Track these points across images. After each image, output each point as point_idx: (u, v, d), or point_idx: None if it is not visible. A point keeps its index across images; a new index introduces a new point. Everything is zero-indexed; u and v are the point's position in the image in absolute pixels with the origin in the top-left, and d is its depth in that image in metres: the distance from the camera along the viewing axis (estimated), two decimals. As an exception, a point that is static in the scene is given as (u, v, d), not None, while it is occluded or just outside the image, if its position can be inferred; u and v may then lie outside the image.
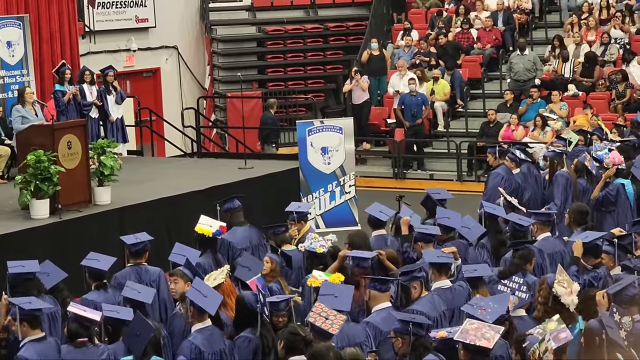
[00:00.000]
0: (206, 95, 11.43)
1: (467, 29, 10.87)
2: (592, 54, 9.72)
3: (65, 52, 9.24)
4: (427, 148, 10.21)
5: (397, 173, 9.72)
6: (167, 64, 11.15)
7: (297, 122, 8.72)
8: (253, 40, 11.95)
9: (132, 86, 10.48)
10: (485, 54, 10.57)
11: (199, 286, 3.14)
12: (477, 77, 10.53)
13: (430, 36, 10.86)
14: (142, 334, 2.80)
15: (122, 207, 6.28)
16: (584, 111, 8.86)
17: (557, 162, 5.80)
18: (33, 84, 8.67)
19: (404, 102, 9.83)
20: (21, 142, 6.63)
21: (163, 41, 11.03)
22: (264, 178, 7.50)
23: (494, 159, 6.43)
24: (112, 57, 10.09)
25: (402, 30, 11.11)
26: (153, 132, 9.68)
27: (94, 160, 6.41)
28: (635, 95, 9.17)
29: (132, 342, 2.85)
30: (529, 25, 11.12)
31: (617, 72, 9.41)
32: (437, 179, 9.47)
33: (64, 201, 6.02)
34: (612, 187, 5.42)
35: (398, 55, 10.76)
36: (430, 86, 10.09)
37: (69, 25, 9.37)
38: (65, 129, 6.54)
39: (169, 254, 4.11)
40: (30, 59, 8.75)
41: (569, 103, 9.40)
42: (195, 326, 3.00)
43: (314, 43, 11.90)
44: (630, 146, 6.27)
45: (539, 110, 9.23)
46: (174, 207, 6.51)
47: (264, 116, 10.04)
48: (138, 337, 2.80)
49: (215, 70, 11.58)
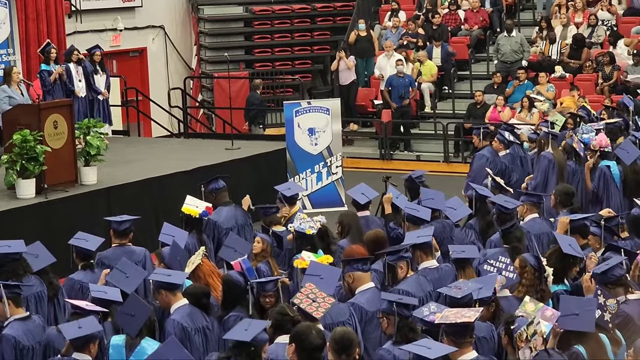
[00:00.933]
0: (193, 75, 11.30)
1: (454, 10, 10.83)
2: (579, 36, 9.76)
3: (51, 32, 9.16)
4: (414, 129, 10.26)
5: (384, 154, 9.77)
6: (153, 44, 11.01)
7: (284, 102, 8.65)
8: (240, 20, 11.79)
9: (118, 66, 10.41)
10: (473, 35, 10.56)
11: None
12: (464, 58, 10.52)
13: (420, 18, 10.86)
14: (137, 314, 2.81)
15: (109, 187, 6.32)
16: (571, 93, 8.92)
17: (543, 143, 5.84)
18: (19, 63, 8.58)
19: (391, 83, 9.82)
20: (7, 121, 6.66)
21: (149, 21, 10.87)
22: (251, 159, 7.54)
23: (478, 141, 6.45)
24: (98, 36, 9.94)
25: (389, 11, 11.02)
26: (139, 112, 9.59)
27: (80, 140, 6.38)
28: (622, 77, 9.25)
29: (125, 322, 2.86)
30: (517, 7, 11.12)
31: (604, 54, 9.46)
32: (423, 160, 9.55)
33: (50, 181, 6.05)
34: (599, 174, 5.44)
35: (385, 36, 10.69)
36: (418, 67, 10.08)
37: (55, 5, 9.28)
38: (51, 109, 6.56)
39: (156, 234, 4.12)
40: (17, 38, 8.71)
41: (555, 85, 9.46)
42: (172, 306, 3.04)
43: (301, 24, 11.78)
44: (616, 128, 6.32)
45: (526, 92, 9.28)
46: (160, 188, 6.56)
47: (250, 96, 10.00)
48: (133, 317, 2.81)
49: (202, 50, 11.45)
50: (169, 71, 11.05)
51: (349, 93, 10.19)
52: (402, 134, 10.04)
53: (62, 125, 6.32)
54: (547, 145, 5.79)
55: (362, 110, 10.48)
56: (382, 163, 9.54)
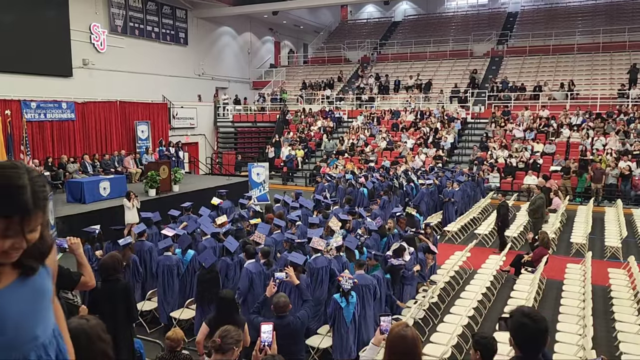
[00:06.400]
0: (213, 152, 28.14)
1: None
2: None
3: (165, 133, 25.85)
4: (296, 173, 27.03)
5: (284, 183, 26.43)
6: (201, 139, 27.89)
7: (248, 164, 25.29)
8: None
9: (188, 147, 26.94)
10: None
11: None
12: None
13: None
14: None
15: (184, 192, 22.45)
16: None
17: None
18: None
19: (286, 157, 26.73)
20: (146, 167, 22.76)
21: (200, 131, 27.78)
22: (235, 184, 23.96)
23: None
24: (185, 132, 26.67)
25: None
26: (195, 165, 26.15)
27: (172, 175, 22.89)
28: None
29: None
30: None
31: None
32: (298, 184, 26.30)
33: (162, 189, 21.34)
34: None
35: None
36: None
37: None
38: (163, 163, 22.89)
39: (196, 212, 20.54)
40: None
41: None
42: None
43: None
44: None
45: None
46: (200, 194, 22.59)
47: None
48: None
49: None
50: (206, 150, 27.85)
51: (272, 161, 27.02)
52: (289, 174, 26.79)
53: (166, 170, 21.97)
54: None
55: (277, 165, 27.25)
56: (282, 186, 26.15)
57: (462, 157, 25.02)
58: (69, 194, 16.37)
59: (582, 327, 7.80)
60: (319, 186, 17.74)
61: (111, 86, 24.65)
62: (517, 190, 21.45)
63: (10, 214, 1.56)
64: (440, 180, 18.12)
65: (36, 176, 1.66)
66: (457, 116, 27.19)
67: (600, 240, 14.45)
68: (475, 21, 36.93)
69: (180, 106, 27.42)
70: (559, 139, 23.83)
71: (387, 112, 29.27)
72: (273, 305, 5.25)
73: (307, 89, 33.20)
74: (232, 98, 32.56)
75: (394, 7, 41.54)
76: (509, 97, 27.67)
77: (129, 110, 23.82)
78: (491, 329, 8.30)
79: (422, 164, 23.44)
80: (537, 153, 22.94)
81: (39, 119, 19.86)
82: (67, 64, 23.11)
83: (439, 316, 9.21)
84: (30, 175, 1.63)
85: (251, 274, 7.67)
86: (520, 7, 37.26)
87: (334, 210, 12.75)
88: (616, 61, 28.68)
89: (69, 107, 21.02)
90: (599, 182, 20.23)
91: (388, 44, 37.36)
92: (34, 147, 19.33)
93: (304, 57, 39.90)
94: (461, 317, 8.29)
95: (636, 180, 20.14)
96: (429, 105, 29.14)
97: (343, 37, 39.33)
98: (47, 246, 1.77)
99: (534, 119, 25.50)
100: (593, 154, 21.86)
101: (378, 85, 31.80)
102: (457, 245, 14.28)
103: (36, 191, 1.61)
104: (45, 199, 1.64)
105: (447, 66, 32.99)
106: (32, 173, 1.65)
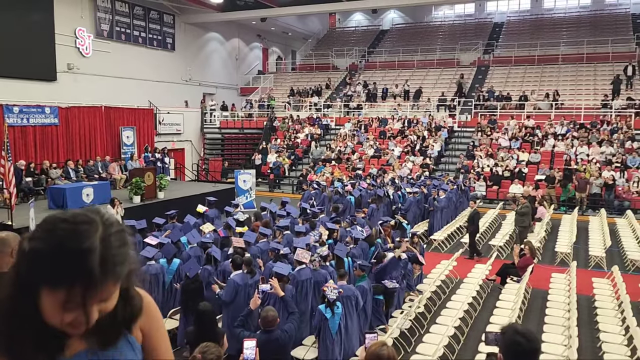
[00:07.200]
0: (200, 158, 27.96)
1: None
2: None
3: (150, 139, 25.64)
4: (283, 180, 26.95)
5: (271, 190, 26.35)
6: (188, 145, 27.71)
7: (235, 170, 25.16)
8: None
9: (175, 154, 26.73)
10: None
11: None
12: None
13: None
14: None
15: (168, 199, 22.21)
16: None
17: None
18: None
19: (274, 164, 26.68)
20: (131, 173, 22.52)
21: (187, 137, 27.61)
22: (222, 191, 23.80)
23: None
24: (171, 138, 26.44)
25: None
26: (181, 171, 25.97)
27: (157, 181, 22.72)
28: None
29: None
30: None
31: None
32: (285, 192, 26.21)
33: (147, 195, 21.35)
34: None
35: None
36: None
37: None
38: (148, 170, 22.70)
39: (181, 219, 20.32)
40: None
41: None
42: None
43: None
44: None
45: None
46: (185, 201, 22.37)
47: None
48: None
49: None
50: (192, 156, 27.66)
51: (258, 168, 26.93)
52: (276, 181, 26.72)
53: (151, 176, 21.99)
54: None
55: (263, 172, 27.17)
56: (270, 193, 26.06)
57: (449, 165, 25.13)
58: (50, 201, 16.12)
59: (567, 338, 7.80)
60: (306, 194, 17.64)
61: (96, 91, 24.40)
62: (503, 199, 21.56)
63: (69, 283, 1.22)
64: (428, 188, 18.16)
65: (114, 233, 1.30)
66: (444, 124, 27.33)
67: (585, 249, 14.56)
68: (462, 31, 37.26)
69: (166, 112, 27.22)
70: (544, 148, 24.05)
71: (374, 119, 29.34)
72: (261, 319, 5.16)
73: (294, 96, 33.18)
74: (220, 104, 32.43)
75: (382, 16, 41.78)
76: (495, 107, 27.90)
77: (114, 116, 23.58)
78: (477, 339, 8.28)
79: (409, 172, 23.49)
80: (523, 162, 23.12)
81: (21, 124, 19.57)
82: (52, 68, 22.84)
83: (425, 326, 9.17)
84: (106, 232, 1.28)
85: (237, 285, 7.57)
86: (506, 18, 37.69)
87: (321, 219, 12.68)
88: (600, 72, 29.09)
89: (53, 111, 20.75)
90: (583, 191, 20.42)
91: (376, 52, 37.53)
92: (16, 152, 19.01)
93: (292, 64, 39.92)
94: (447, 328, 8.25)
95: (619, 190, 20.36)
96: (417, 114, 29.27)
97: (331, 44, 39.44)
98: (135, 310, 1.43)
99: (520, 128, 25.72)
100: (577, 164, 22.07)
101: (366, 93, 31.90)
102: (444, 254, 14.28)
103: (109, 255, 1.25)
104: (122, 263, 1.29)
105: (434, 75, 33.21)
106: (109, 229, 1.29)
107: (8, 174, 14.12)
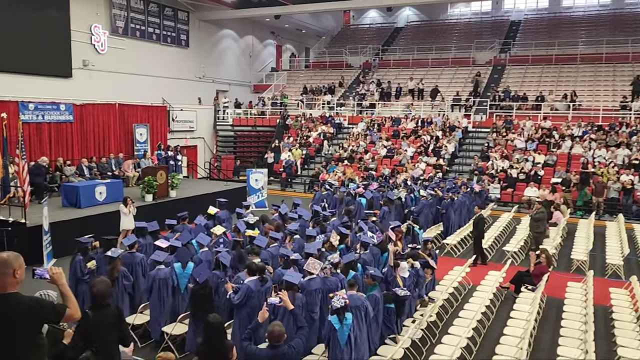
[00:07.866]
0: (212, 156, 27.94)
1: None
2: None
3: (163, 137, 25.69)
4: (295, 179, 26.84)
5: (282, 189, 26.26)
6: (201, 143, 27.70)
7: (247, 169, 25.10)
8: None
9: (187, 151, 26.72)
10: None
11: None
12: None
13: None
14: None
15: (180, 198, 22.10)
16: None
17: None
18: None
19: (286, 162, 26.54)
20: (144, 172, 22.50)
21: (200, 134, 27.58)
22: (234, 189, 23.73)
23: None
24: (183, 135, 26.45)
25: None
26: (193, 169, 25.96)
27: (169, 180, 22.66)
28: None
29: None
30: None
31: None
32: (297, 191, 26.08)
33: (159, 194, 20.90)
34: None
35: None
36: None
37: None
38: (161, 169, 22.66)
39: (192, 217, 20.25)
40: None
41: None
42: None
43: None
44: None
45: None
46: (196, 200, 22.16)
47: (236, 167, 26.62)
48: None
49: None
50: (205, 153, 27.63)
51: (271, 166, 26.84)
52: (288, 180, 26.62)
53: (163, 175, 21.77)
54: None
55: (275, 171, 27.07)
56: (281, 193, 25.97)
57: (463, 166, 24.84)
58: (64, 198, 16.17)
59: (583, 353, 7.60)
60: (317, 195, 17.50)
61: (111, 88, 24.48)
62: (518, 202, 21.25)
63: None
64: (442, 190, 17.94)
65: None
66: (458, 125, 27.01)
67: (601, 257, 14.26)
68: (478, 29, 36.79)
69: (179, 109, 27.23)
70: (560, 150, 23.66)
71: (387, 119, 29.10)
72: (267, 334, 5.06)
73: (308, 94, 33.03)
74: (233, 101, 32.39)
75: (396, 13, 41.40)
76: (511, 107, 27.51)
77: (127, 113, 23.62)
78: (490, 350, 8.12)
79: (422, 173, 23.25)
80: (539, 164, 22.76)
81: (36, 121, 19.67)
82: (67, 64, 22.94)
83: (437, 336, 9.02)
84: None
85: (251, 291, 7.49)
86: (523, 16, 37.12)
87: (332, 222, 12.53)
88: (619, 72, 28.53)
89: (68, 108, 20.83)
90: (601, 195, 20.05)
91: (390, 50, 37.22)
92: (31, 149, 19.13)
93: (306, 62, 39.75)
94: (460, 339, 8.09)
95: (638, 195, 19.96)
96: (430, 113, 28.97)
97: (345, 42, 39.19)
98: None
99: (536, 129, 25.33)
100: (595, 167, 21.67)
101: (379, 92, 31.64)
102: (456, 259, 14.08)
103: None
104: None
105: (449, 74, 32.84)
106: None
107: (22, 172, 14.17)
